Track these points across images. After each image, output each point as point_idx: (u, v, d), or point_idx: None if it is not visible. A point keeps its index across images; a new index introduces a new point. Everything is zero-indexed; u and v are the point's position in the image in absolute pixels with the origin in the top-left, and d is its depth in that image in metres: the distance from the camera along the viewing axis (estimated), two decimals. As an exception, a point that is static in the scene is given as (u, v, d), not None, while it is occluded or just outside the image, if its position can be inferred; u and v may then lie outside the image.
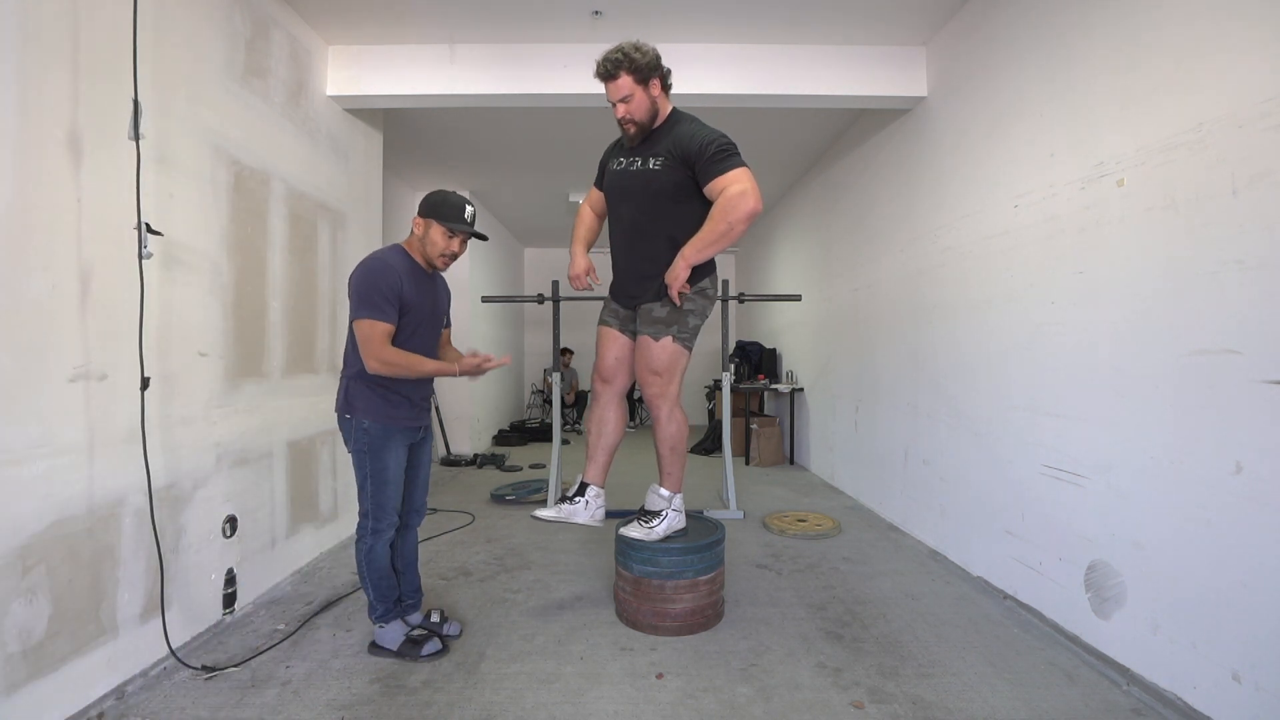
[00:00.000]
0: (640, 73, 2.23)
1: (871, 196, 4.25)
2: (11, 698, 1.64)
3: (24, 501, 1.69)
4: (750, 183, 2.16)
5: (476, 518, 4.08)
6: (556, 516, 2.43)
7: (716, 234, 2.18)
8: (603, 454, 2.52)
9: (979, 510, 2.93)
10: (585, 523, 2.44)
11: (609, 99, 2.30)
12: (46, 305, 1.75)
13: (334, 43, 3.42)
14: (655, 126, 2.34)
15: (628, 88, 2.24)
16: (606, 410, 2.53)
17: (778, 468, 5.86)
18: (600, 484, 2.52)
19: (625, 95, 2.25)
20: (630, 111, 2.28)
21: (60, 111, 1.80)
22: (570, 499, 2.47)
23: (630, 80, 2.23)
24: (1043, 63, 2.50)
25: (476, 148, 5.09)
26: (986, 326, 2.88)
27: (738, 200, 2.14)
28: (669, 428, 2.43)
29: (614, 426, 2.53)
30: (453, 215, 2.13)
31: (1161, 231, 1.96)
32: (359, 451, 2.14)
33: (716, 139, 2.23)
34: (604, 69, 2.25)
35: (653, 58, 2.26)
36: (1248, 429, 1.69)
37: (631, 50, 2.23)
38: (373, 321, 2.02)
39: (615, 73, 2.23)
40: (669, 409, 2.41)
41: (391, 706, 1.94)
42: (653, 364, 2.38)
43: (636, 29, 3.31)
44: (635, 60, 2.22)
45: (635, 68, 2.22)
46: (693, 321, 2.41)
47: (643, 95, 2.26)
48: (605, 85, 2.28)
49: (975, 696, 1.98)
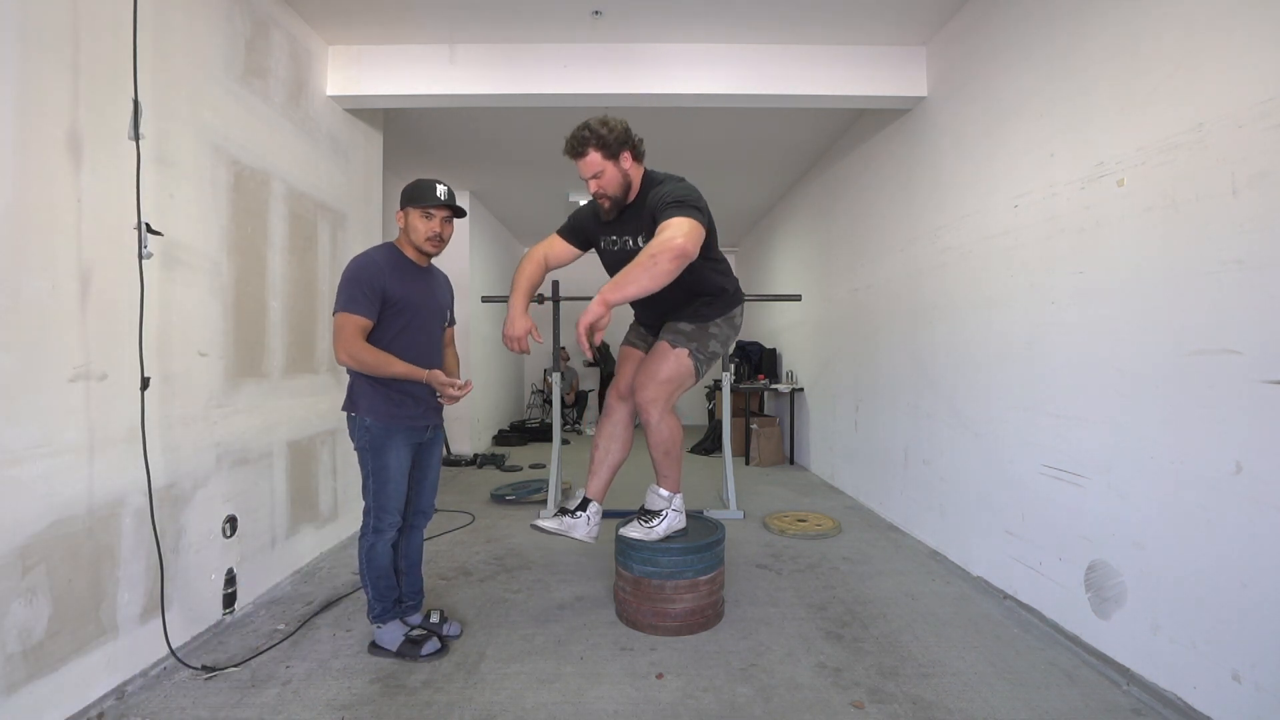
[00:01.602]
0: (609, 148, 2.18)
1: (871, 196, 4.25)
2: (11, 698, 1.64)
3: (24, 501, 1.69)
4: (688, 227, 2.01)
5: (476, 518, 4.08)
6: (557, 529, 2.40)
7: (638, 269, 1.97)
8: (607, 471, 2.50)
9: (979, 510, 2.93)
10: (581, 538, 2.41)
11: (580, 175, 2.26)
12: (46, 305, 1.75)
13: (334, 43, 3.42)
14: (631, 199, 2.29)
15: (597, 164, 2.20)
16: (617, 427, 2.52)
17: (778, 468, 5.86)
18: (601, 500, 2.50)
19: (596, 172, 2.21)
20: (602, 186, 2.23)
21: (60, 111, 1.80)
22: (572, 512, 2.45)
23: (599, 156, 2.19)
24: (1043, 63, 2.50)
25: (476, 148, 5.08)
26: (986, 326, 2.88)
27: (666, 240, 1.98)
28: (660, 432, 2.40)
29: (621, 445, 2.52)
30: (425, 195, 2.15)
31: (1161, 231, 1.96)
32: (361, 449, 2.15)
33: (673, 192, 2.14)
34: (571, 147, 2.21)
35: (620, 131, 2.20)
36: (1248, 429, 1.69)
37: (598, 126, 2.18)
38: (346, 315, 2.04)
39: (583, 150, 2.19)
40: (659, 414, 2.37)
41: (391, 706, 1.94)
42: (660, 368, 2.36)
43: (636, 29, 3.31)
44: (603, 136, 2.17)
45: (603, 144, 2.18)
46: (713, 346, 2.41)
47: (614, 169, 2.21)
48: (575, 162, 2.24)
49: (975, 696, 1.98)
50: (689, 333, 2.38)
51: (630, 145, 2.23)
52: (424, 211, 2.15)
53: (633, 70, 3.44)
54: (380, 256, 2.15)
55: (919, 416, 3.53)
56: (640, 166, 2.30)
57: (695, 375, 2.41)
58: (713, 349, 2.42)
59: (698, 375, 2.42)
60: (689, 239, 1.99)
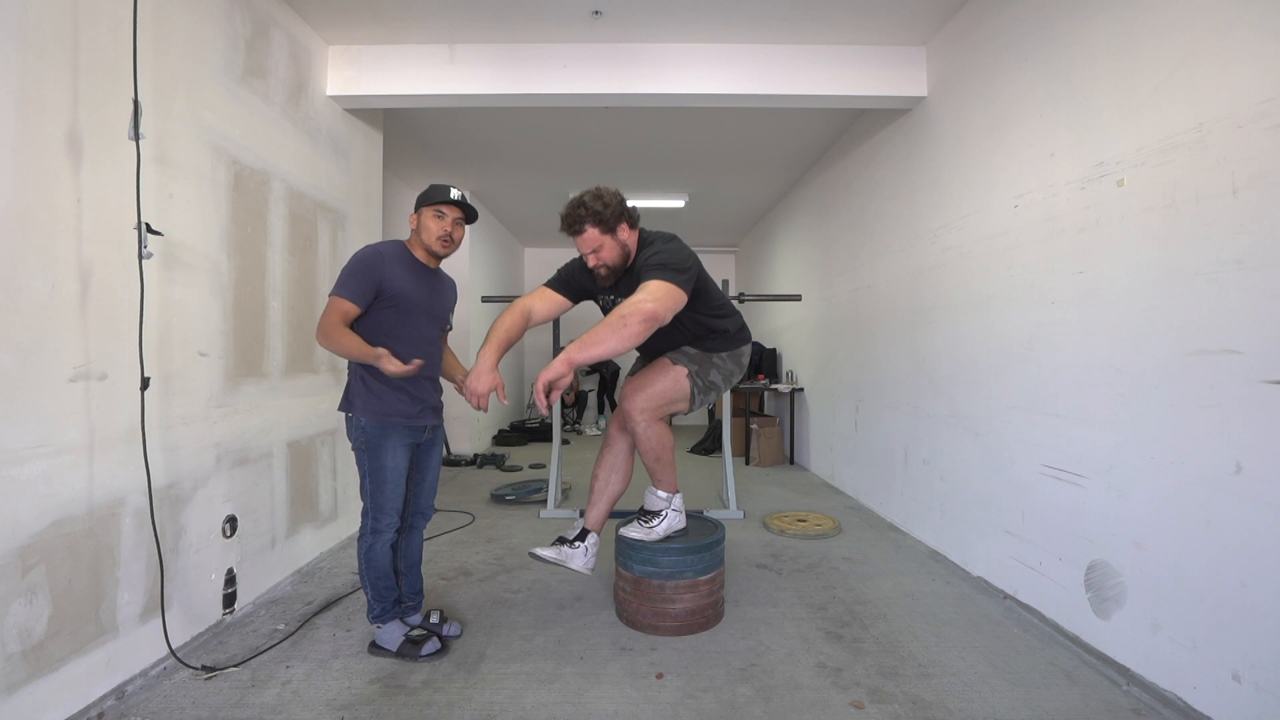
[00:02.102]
0: (606, 224, 2.17)
1: (871, 196, 4.25)
2: (11, 698, 1.64)
3: (24, 501, 1.69)
4: (661, 292, 2.02)
5: (476, 518, 4.08)
6: (555, 558, 2.38)
7: (606, 329, 1.97)
8: (606, 502, 2.49)
9: (979, 510, 2.93)
10: (579, 569, 2.39)
11: (579, 250, 2.25)
12: (46, 305, 1.75)
13: (334, 43, 3.42)
14: (631, 264, 2.27)
15: (595, 240, 2.19)
16: (618, 458, 2.50)
17: (778, 468, 5.86)
18: (600, 531, 2.49)
19: (595, 247, 2.21)
20: (602, 260, 2.23)
21: (60, 111, 1.80)
22: (570, 542, 2.43)
23: (597, 232, 2.18)
24: (1043, 63, 2.50)
25: (476, 148, 5.08)
26: (986, 326, 2.88)
27: (637, 303, 1.99)
28: (648, 440, 2.36)
29: (622, 476, 2.51)
30: (437, 195, 2.17)
31: (1162, 231, 1.96)
32: (358, 449, 2.15)
33: (657, 255, 2.15)
34: (568, 225, 2.20)
35: (615, 205, 2.19)
36: (1248, 429, 1.69)
37: (592, 201, 2.16)
38: (335, 298, 2.06)
39: (580, 228, 2.18)
40: (646, 423, 2.33)
41: (391, 706, 1.94)
42: (653, 381, 2.34)
43: (636, 29, 3.31)
44: (599, 213, 2.16)
45: (600, 220, 2.16)
46: (714, 376, 2.40)
47: (612, 242, 2.21)
48: (573, 239, 2.23)
49: (975, 696, 1.98)
50: (693, 355, 2.38)
51: (626, 217, 2.22)
52: (436, 211, 2.17)
53: (633, 70, 3.44)
54: (386, 249, 2.17)
55: (919, 416, 3.53)
56: (635, 232, 2.29)
57: (689, 400, 2.37)
58: (713, 379, 2.40)
59: (692, 401, 2.38)
60: (659, 303, 2.00)
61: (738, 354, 2.48)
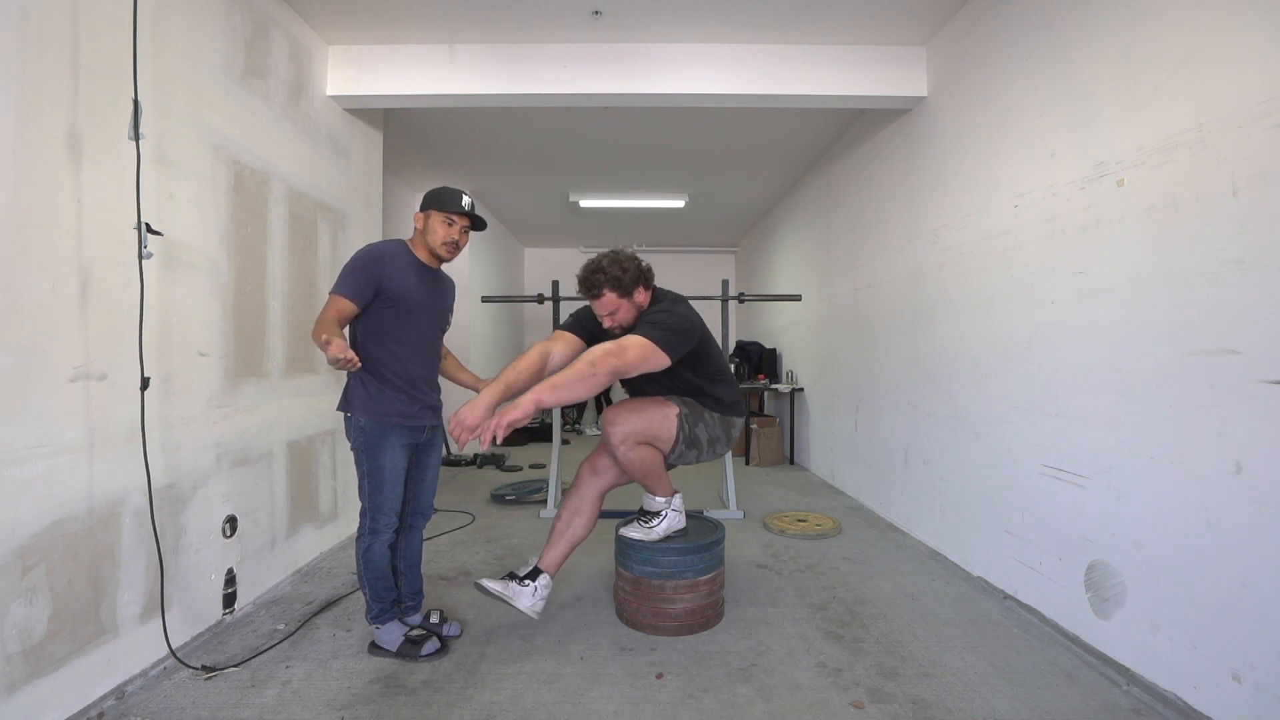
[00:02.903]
0: (624, 289, 2.22)
1: (871, 196, 4.25)
2: (11, 698, 1.64)
3: (24, 501, 1.69)
4: (636, 348, 2.07)
5: (476, 518, 4.08)
6: (500, 593, 2.30)
7: (574, 374, 1.99)
8: (565, 545, 2.42)
9: (979, 510, 2.93)
10: (524, 611, 2.30)
11: (596, 313, 2.29)
12: (46, 305, 1.75)
13: (334, 43, 3.42)
14: None
15: (613, 304, 2.24)
16: (584, 502, 2.45)
17: (778, 468, 5.86)
18: (554, 574, 2.41)
19: (611, 310, 2.24)
20: (618, 320, 2.27)
21: (60, 111, 1.80)
22: (520, 579, 2.34)
23: (614, 296, 2.23)
24: (1043, 62, 2.50)
25: (476, 148, 5.08)
26: (987, 326, 2.88)
27: (607, 352, 2.04)
28: (631, 461, 2.32)
29: (586, 521, 2.45)
30: (450, 203, 2.17)
31: (1161, 231, 1.96)
32: (356, 449, 2.15)
33: (653, 314, 2.22)
34: (586, 289, 2.22)
35: (633, 271, 2.23)
36: (1248, 429, 1.69)
37: (610, 267, 2.20)
38: (334, 295, 2.07)
39: (599, 292, 2.22)
40: (628, 448, 2.30)
41: (391, 706, 1.94)
42: (642, 411, 2.30)
43: (636, 29, 3.31)
44: (617, 278, 2.20)
45: (618, 285, 2.21)
46: (700, 430, 2.38)
47: (628, 305, 2.26)
48: (590, 301, 2.26)
49: (975, 696, 1.98)
50: (688, 403, 2.37)
51: (643, 280, 2.28)
52: (447, 217, 2.17)
53: (633, 70, 3.44)
54: (387, 248, 2.18)
55: (919, 416, 3.53)
56: (650, 292, 2.33)
57: (672, 442, 2.33)
58: (698, 433, 2.36)
59: (674, 446, 2.34)
60: (627, 356, 2.05)
61: (729, 422, 2.45)
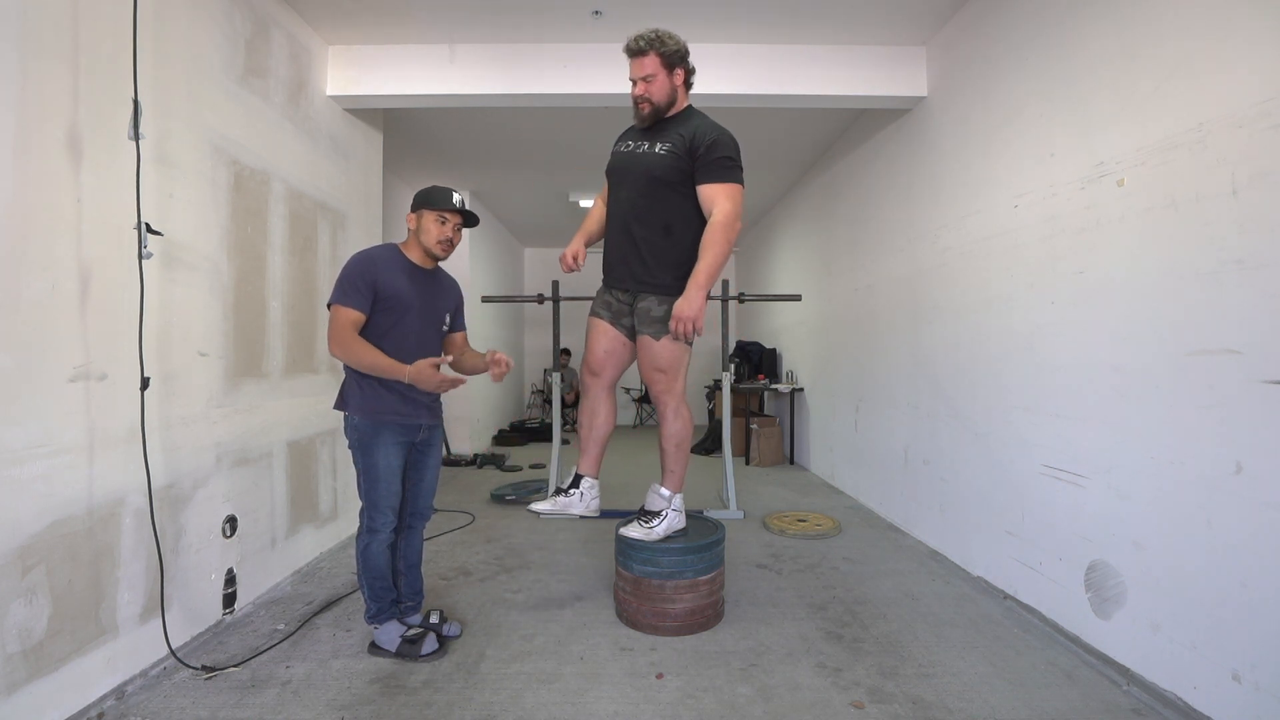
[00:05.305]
0: (668, 58, 2.30)
1: (871, 196, 4.25)
2: (11, 698, 1.64)
3: (24, 501, 1.68)
4: (740, 203, 2.26)
5: (476, 518, 4.08)
6: (553, 510, 2.45)
7: (722, 257, 2.23)
8: (595, 445, 2.55)
9: (979, 510, 2.93)
10: (582, 514, 2.47)
11: (630, 75, 2.34)
12: (46, 305, 1.75)
13: (334, 43, 3.42)
14: (670, 115, 2.38)
15: (652, 67, 2.30)
16: (597, 403, 2.56)
17: (778, 468, 5.86)
18: (594, 475, 2.54)
19: (648, 74, 2.30)
20: (649, 91, 2.32)
21: (60, 111, 1.80)
22: (565, 491, 2.48)
23: (657, 61, 2.29)
24: (1043, 62, 2.50)
25: (476, 148, 5.08)
26: (987, 326, 2.88)
27: (733, 222, 2.24)
28: (674, 424, 2.46)
29: (605, 418, 2.56)
30: (441, 200, 2.18)
31: (1161, 231, 1.96)
32: (352, 447, 2.17)
33: (725, 142, 2.28)
34: (634, 45, 2.31)
35: (682, 48, 2.33)
36: (1248, 429, 1.69)
37: (665, 34, 2.30)
38: (339, 307, 2.08)
39: (645, 50, 2.29)
40: (675, 405, 2.45)
41: (391, 706, 1.94)
42: (656, 362, 2.41)
43: (636, 29, 3.29)
44: (666, 44, 2.29)
45: (665, 51, 2.29)
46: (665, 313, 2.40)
47: (665, 78, 2.32)
48: (630, 60, 2.32)
49: (975, 696, 1.98)
50: (662, 317, 2.36)
51: (685, 66, 2.36)
52: (439, 215, 2.18)
53: (633, 70, 3.44)
54: (378, 254, 2.18)
55: (919, 416, 3.53)
56: (686, 90, 2.42)
57: (687, 349, 2.45)
58: None
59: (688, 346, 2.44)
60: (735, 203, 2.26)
61: None
